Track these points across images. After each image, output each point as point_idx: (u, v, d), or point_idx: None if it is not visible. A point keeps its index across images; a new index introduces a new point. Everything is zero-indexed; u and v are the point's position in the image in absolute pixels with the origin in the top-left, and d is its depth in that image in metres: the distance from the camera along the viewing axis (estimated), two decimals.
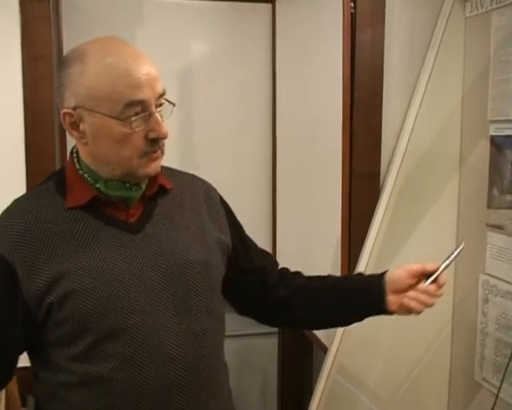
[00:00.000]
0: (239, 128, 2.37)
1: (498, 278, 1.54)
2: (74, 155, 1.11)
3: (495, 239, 1.55)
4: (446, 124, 1.70)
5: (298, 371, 2.45)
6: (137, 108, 1.02)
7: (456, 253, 1.17)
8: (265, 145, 2.40)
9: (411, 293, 1.18)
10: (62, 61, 1.07)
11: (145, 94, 1.01)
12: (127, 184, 1.08)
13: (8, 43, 1.77)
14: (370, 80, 1.67)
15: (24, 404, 1.78)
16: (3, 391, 1.57)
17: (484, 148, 1.60)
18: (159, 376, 1.04)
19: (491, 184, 1.56)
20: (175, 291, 1.08)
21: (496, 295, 1.54)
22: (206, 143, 2.33)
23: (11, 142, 1.79)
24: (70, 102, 1.03)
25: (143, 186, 1.11)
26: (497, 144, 1.54)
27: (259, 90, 2.37)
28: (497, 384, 1.50)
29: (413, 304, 1.17)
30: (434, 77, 1.68)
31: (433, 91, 1.68)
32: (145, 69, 1.02)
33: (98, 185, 1.07)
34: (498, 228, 1.53)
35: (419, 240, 1.71)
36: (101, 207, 1.08)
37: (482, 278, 1.60)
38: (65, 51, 2.13)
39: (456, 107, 1.70)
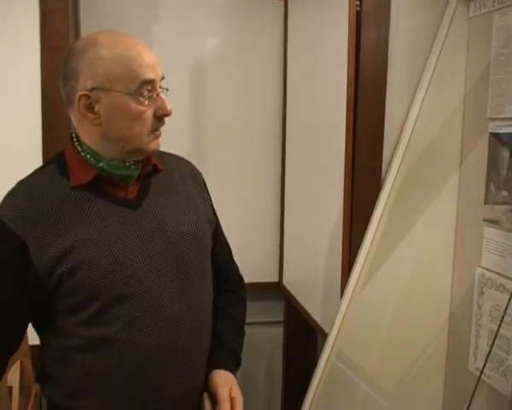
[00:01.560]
0: (249, 124, 2.43)
1: (493, 272, 1.58)
2: (74, 139, 1.21)
3: (491, 233, 1.59)
4: (448, 121, 1.74)
5: (302, 356, 2.51)
6: (148, 87, 1.14)
7: None
8: (275, 141, 2.46)
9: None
10: (73, 50, 1.16)
11: (154, 75, 1.14)
12: (127, 164, 1.19)
13: (28, 34, 1.85)
14: (374, 76, 1.71)
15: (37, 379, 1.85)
16: (18, 366, 1.65)
17: (483, 145, 1.64)
18: (160, 335, 1.15)
19: (489, 180, 1.60)
20: (172, 260, 1.19)
21: (490, 288, 1.59)
22: (216, 138, 2.40)
23: (29, 129, 1.87)
24: (86, 84, 1.13)
25: (140, 166, 1.22)
26: (496, 141, 1.58)
27: (270, 86, 2.43)
28: (490, 374, 1.55)
29: None
30: (437, 75, 1.72)
31: (435, 89, 1.73)
32: (149, 54, 1.16)
33: (101, 165, 1.17)
34: (494, 223, 1.58)
35: (419, 233, 1.75)
36: (102, 186, 1.18)
37: (478, 271, 1.64)
38: None
39: (457, 104, 1.74)
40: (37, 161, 1.86)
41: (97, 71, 1.12)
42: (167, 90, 1.19)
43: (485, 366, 1.42)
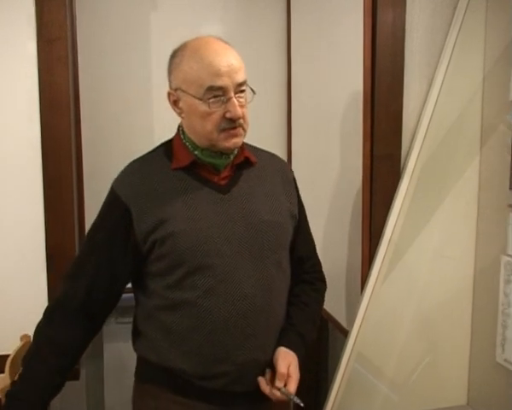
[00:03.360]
0: (252, 115, 2.35)
1: None
2: (180, 128, 1.39)
3: None
4: (467, 105, 1.69)
5: (313, 350, 2.46)
6: (218, 92, 1.27)
7: (293, 399, 1.30)
8: (280, 133, 2.39)
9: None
10: (172, 53, 1.35)
11: (224, 82, 1.27)
12: (218, 153, 1.34)
13: (24, 25, 1.75)
14: (391, 62, 1.65)
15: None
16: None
17: (505, 129, 1.59)
18: (233, 307, 1.30)
19: None
20: (251, 243, 1.33)
21: None
22: None
23: (27, 124, 1.77)
24: (173, 84, 1.34)
25: (231, 157, 1.37)
26: None
27: (274, 73, 2.37)
28: None
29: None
30: (455, 58, 1.67)
31: (454, 72, 1.67)
32: (226, 62, 1.28)
33: (196, 152, 1.35)
34: None
35: (440, 222, 1.70)
36: (198, 170, 1.35)
37: (504, 259, 1.59)
38: (79, 33, 2.13)
39: (476, 88, 1.69)
40: (36, 158, 1.78)
41: (178, 74, 1.31)
42: (254, 92, 1.34)
43: None
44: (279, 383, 1.30)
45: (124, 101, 2.22)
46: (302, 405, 1.28)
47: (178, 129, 1.41)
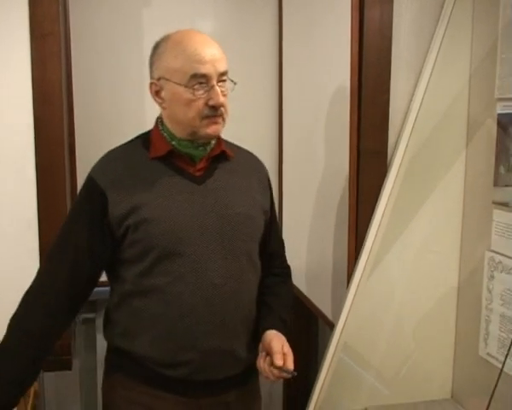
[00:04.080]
0: (244, 112, 2.37)
1: (503, 255, 1.55)
2: (159, 119, 1.44)
3: (501, 216, 1.56)
4: (453, 102, 1.70)
5: (303, 344, 2.49)
6: (201, 80, 1.32)
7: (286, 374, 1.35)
8: (271, 129, 2.41)
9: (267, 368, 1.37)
10: (155, 45, 1.40)
11: (207, 70, 1.32)
12: (195, 144, 1.38)
13: (16, 20, 1.76)
14: (378, 58, 1.67)
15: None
16: None
17: (491, 126, 1.60)
18: (201, 295, 1.33)
19: (498, 161, 1.56)
20: (223, 234, 1.37)
21: (501, 272, 1.56)
22: None
23: (20, 119, 1.79)
24: (155, 74, 1.38)
25: (208, 148, 1.41)
26: (504, 122, 1.54)
27: (266, 70, 2.38)
28: (502, 359, 1.52)
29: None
30: (442, 54, 1.68)
31: (441, 69, 1.69)
32: (209, 51, 1.33)
33: (173, 142, 1.39)
34: (504, 205, 1.54)
35: (426, 217, 1.72)
36: (174, 160, 1.39)
37: (488, 254, 1.61)
38: (72, 28, 2.14)
39: (463, 85, 1.70)
40: (29, 152, 1.80)
41: (162, 63, 1.35)
42: (235, 83, 1.39)
43: (507, 356, 1.39)
44: (279, 362, 1.33)
45: (116, 94, 2.24)
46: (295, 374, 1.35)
47: (157, 121, 1.45)
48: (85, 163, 2.19)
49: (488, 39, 1.62)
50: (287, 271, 1.63)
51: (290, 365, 1.35)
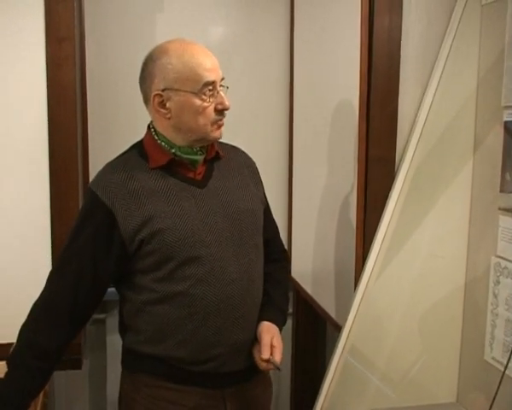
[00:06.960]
0: (255, 114, 2.40)
1: (509, 261, 1.57)
2: (152, 129, 1.45)
3: (507, 222, 1.58)
4: (461, 110, 1.73)
5: (311, 347, 2.51)
6: (210, 87, 1.37)
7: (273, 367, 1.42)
8: (282, 132, 2.44)
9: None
10: (149, 56, 1.41)
11: (214, 76, 1.38)
12: (194, 149, 1.42)
13: (33, 25, 1.81)
14: (387, 66, 1.70)
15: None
16: None
17: (498, 133, 1.63)
18: (222, 292, 1.39)
19: (504, 168, 1.58)
20: (232, 231, 1.43)
21: (507, 277, 1.58)
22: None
23: (35, 121, 1.84)
24: (159, 85, 1.38)
25: (205, 152, 1.45)
26: (511, 130, 1.57)
27: (277, 75, 2.41)
28: (510, 365, 1.54)
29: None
30: (450, 64, 1.71)
31: (448, 78, 1.71)
32: (211, 59, 1.39)
33: (173, 150, 1.41)
34: (510, 212, 1.57)
35: (432, 223, 1.74)
36: (175, 168, 1.42)
37: (494, 260, 1.63)
38: (87, 33, 2.19)
39: (471, 93, 1.73)
40: (43, 154, 1.85)
41: (168, 74, 1.36)
42: (227, 87, 1.42)
43: (509, 359, 1.41)
44: (265, 355, 1.40)
45: (129, 97, 2.26)
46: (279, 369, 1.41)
47: (149, 130, 1.46)
48: (98, 165, 2.25)
49: (495, 49, 1.64)
50: (285, 255, 1.70)
51: (277, 358, 1.41)
